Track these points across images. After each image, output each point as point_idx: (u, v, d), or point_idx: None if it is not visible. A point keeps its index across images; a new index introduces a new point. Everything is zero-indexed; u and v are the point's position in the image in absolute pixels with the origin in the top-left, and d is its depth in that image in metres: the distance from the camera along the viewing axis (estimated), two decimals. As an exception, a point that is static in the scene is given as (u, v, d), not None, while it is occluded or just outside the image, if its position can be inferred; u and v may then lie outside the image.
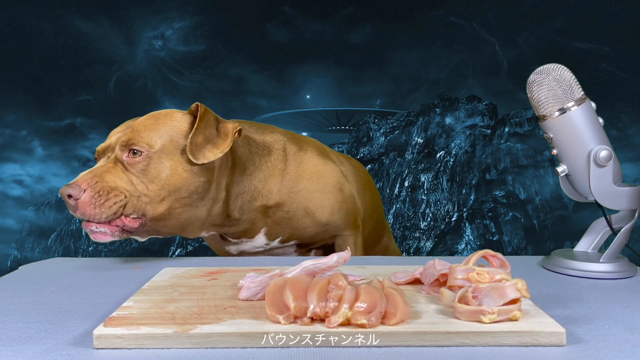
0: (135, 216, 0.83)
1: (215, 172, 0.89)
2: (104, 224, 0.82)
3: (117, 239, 0.83)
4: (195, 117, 0.89)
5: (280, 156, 1.00)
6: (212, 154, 0.85)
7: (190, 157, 0.83)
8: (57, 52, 2.45)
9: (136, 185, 0.83)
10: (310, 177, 1.01)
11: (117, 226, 0.82)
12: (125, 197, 0.81)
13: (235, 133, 0.88)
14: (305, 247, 1.05)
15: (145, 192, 0.83)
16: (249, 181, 0.94)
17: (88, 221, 0.81)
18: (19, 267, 0.89)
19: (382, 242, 1.33)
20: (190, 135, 0.84)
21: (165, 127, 0.86)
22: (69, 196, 0.79)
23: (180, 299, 0.62)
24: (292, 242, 1.01)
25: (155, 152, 0.84)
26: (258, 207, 0.95)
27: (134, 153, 0.83)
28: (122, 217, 0.82)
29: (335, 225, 1.02)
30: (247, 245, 1.00)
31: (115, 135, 0.88)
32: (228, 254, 1.04)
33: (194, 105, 0.89)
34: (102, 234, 0.82)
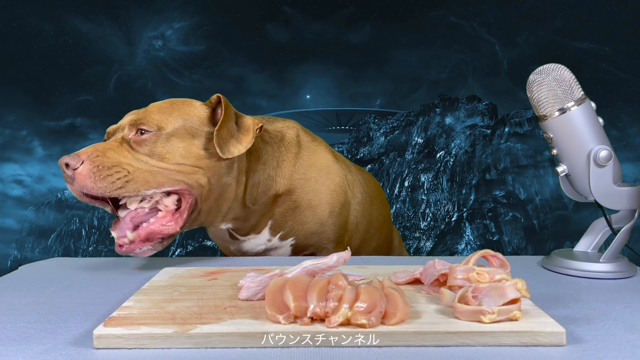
0: (168, 188, 0.81)
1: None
2: (143, 241, 0.81)
3: (158, 249, 0.83)
4: (214, 110, 0.88)
5: (294, 141, 1.00)
6: (237, 149, 0.85)
7: (219, 151, 0.82)
8: (57, 52, 2.45)
9: (148, 161, 0.80)
10: (321, 169, 1.01)
11: (153, 240, 0.82)
12: (129, 172, 0.78)
13: (256, 129, 0.88)
14: (299, 251, 1.05)
15: (164, 165, 0.81)
16: (263, 170, 0.94)
17: (126, 245, 0.81)
18: (19, 267, 0.89)
19: (393, 251, 1.32)
20: (216, 129, 0.83)
21: (179, 112, 0.85)
22: (67, 165, 0.77)
23: (180, 299, 0.62)
24: (289, 240, 1.01)
25: (165, 134, 0.82)
26: (271, 196, 0.96)
27: (142, 133, 0.82)
28: (169, 215, 0.82)
29: (328, 230, 1.02)
30: (252, 243, 1.00)
31: (129, 117, 0.87)
32: (232, 254, 1.04)
33: (214, 96, 0.88)
34: (146, 252, 0.82)
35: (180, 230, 0.84)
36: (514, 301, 0.54)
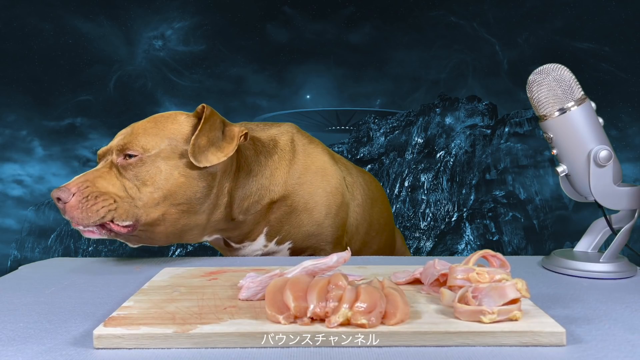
0: (128, 223, 0.82)
1: (217, 177, 0.87)
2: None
3: (105, 237, 0.84)
4: (200, 120, 0.87)
5: (288, 147, 0.99)
6: (216, 158, 0.83)
7: (192, 160, 0.81)
8: (57, 52, 2.45)
9: (129, 190, 0.81)
10: (317, 172, 1.01)
11: (105, 229, 0.83)
12: (115, 201, 0.80)
13: (241, 137, 0.87)
14: (296, 253, 1.04)
15: (138, 196, 0.81)
16: (255, 182, 0.93)
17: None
18: (19, 267, 0.89)
19: (395, 253, 1.31)
20: (193, 137, 0.82)
21: (164, 131, 0.84)
22: (58, 199, 0.79)
23: (180, 299, 0.62)
24: (286, 243, 1.01)
25: (150, 156, 0.82)
26: (265, 204, 0.95)
27: (129, 157, 0.82)
28: (112, 223, 0.81)
29: (325, 232, 1.01)
30: (247, 250, 1.00)
31: (118, 138, 0.87)
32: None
33: (199, 107, 0.87)
34: (90, 232, 0.83)
35: (128, 234, 0.84)
36: (514, 301, 0.54)
